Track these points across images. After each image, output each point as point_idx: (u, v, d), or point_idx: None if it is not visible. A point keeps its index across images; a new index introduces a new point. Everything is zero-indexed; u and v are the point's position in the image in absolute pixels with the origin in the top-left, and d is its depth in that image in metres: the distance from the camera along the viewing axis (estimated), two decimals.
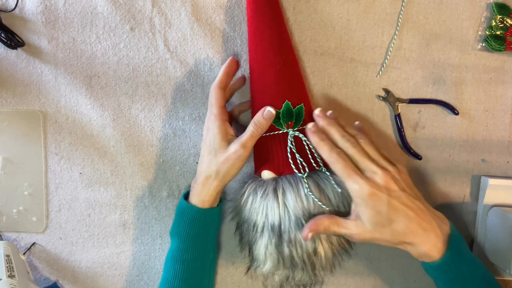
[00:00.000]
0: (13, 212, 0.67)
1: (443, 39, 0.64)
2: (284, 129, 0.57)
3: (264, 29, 0.58)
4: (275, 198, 0.54)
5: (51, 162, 0.66)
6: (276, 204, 0.54)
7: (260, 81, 0.58)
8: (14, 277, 0.56)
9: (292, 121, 0.57)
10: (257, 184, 0.57)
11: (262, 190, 0.56)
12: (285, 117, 0.56)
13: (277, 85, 0.57)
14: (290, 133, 0.56)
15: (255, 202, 0.56)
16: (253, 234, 0.57)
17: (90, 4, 0.63)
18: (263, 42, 0.58)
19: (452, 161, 0.66)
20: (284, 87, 0.57)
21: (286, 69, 0.58)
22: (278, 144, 0.57)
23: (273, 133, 0.57)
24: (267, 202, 0.55)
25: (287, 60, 0.59)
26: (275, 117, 0.56)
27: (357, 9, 0.63)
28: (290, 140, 0.56)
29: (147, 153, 0.66)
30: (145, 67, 0.64)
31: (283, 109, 0.56)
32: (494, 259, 0.62)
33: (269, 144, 0.57)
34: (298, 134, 0.56)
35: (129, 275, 0.68)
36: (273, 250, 0.55)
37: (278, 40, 0.58)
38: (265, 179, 0.57)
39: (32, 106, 0.65)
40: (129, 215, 0.67)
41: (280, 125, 0.57)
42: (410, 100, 0.64)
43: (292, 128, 0.57)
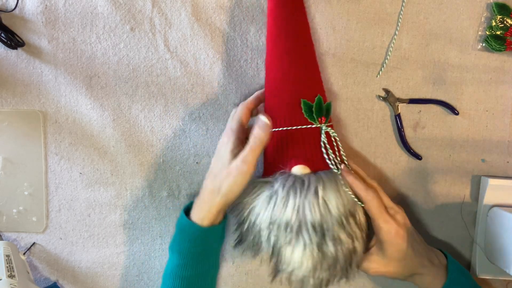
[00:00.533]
0: (13, 212, 0.67)
1: (443, 39, 0.64)
2: (317, 123, 0.55)
3: (296, 16, 0.56)
4: (315, 194, 0.52)
5: (51, 162, 0.66)
6: (316, 201, 0.52)
7: (290, 71, 0.56)
8: (14, 277, 0.56)
9: (324, 116, 0.56)
10: (291, 179, 0.53)
11: (300, 186, 0.52)
12: (318, 111, 0.55)
13: (311, 79, 0.57)
14: (323, 128, 0.55)
15: (288, 200, 0.52)
16: (285, 235, 0.52)
17: (90, 4, 0.63)
18: (296, 29, 0.56)
19: (452, 161, 0.66)
20: (315, 81, 0.57)
21: (315, 62, 0.58)
22: (312, 138, 0.55)
23: (306, 126, 0.55)
24: (306, 199, 0.51)
25: (313, 53, 0.58)
26: (307, 109, 0.54)
27: (357, 9, 0.63)
28: (324, 136, 0.55)
29: (147, 153, 0.66)
30: (145, 67, 0.64)
31: (316, 103, 0.55)
32: (494, 259, 0.62)
33: (300, 138, 0.55)
34: (329, 130, 0.56)
35: (129, 275, 0.68)
36: (313, 251, 0.52)
37: (307, 32, 0.58)
38: (299, 174, 0.53)
39: (32, 106, 0.65)
40: (129, 215, 0.67)
41: (313, 119, 0.55)
42: (410, 100, 0.64)
43: (324, 123, 0.56)
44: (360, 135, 0.65)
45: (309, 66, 0.58)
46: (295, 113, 0.55)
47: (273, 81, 0.57)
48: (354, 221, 0.54)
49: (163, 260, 0.68)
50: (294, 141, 0.55)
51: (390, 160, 0.66)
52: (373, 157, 0.66)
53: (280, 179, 0.53)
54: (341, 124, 0.65)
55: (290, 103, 0.56)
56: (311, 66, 0.58)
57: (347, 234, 0.53)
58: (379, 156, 0.66)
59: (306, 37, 0.59)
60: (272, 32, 0.58)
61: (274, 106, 0.57)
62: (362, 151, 0.65)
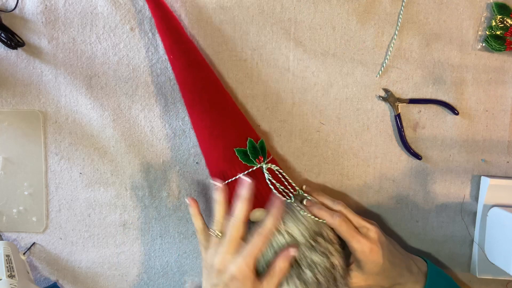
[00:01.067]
0: (13, 212, 0.67)
1: (443, 39, 0.64)
2: (256, 164, 0.57)
3: (203, 77, 0.59)
4: (278, 232, 0.55)
5: (51, 162, 0.66)
6: (281, 237, 0.55)
7: (214, 127, 0.58)
8: (14, 277, 0.56)
9: (260, 155, 0.58)
10: (251, 226, 0.55)
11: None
12: (253, 153, 0.57)
13: (235, 126, 0.59)
14: (264, 166, 0.57)
15: None
16: None
17: (90, 4, 0.63)
18: (207, 88, 0.59)
19: (452, 161, 0.66)
20: (240, 126, 0.59)
21: (233, 108, 0.60)
22: (256, 180, 0.56)
23: (247, 172, 0.57)
24: (273, 240, 0.54)
25: (229, 99, 0.61)
26: (243, 156, 0.56)
27: (357, 9, 0.63)
28: (267, 173, 0.57)
29: (147, 153, 0.66)
30: (145, 67, 0.64)
31: (249, 147, 0.57)
32: (494, 259, 0.62)
33: (258, 179, 0.57)
34: (271, 166, 0.58)
35: (129, 275, 0.68)
36: (295, 282, 0.54)
37: (217, 83, 0.60)
38: (259, 220, 0.56)
39: (32, 106, 0.65)
40: (129, 215, 0.67)
41: (252, 162, 0.57)
42: (410, 100, 0.64)
43: (263, 162, 0.58)
44: (360, 135, 0.65)
45: (231, 115, 0.60)
46: (233, 163, 0.57)
47: (203, 141, 0.60)
48: (323, 238, 0.56)
49: (163, 260, 0.68)
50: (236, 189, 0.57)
51: (390, 160, 0.66)
52: (373, 157, 0.66)
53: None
54: (341, 124, 0.65)
55: (226, 156, 0.57)
56: (232, 113, 0.60)
57: (320, 253, 0.55)
58: (379, 156, 0.66)
59: (217, 89, 0.60)
60: (186, 96, 0.60)
61: (213, 163, 0.59)
62: (362, 151, 0.66)
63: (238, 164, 0.57)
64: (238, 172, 0.57)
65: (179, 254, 0.68)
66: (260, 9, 0.63)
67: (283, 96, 0.65)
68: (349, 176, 0.66)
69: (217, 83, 0.61)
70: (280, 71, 0.64)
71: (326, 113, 0.65)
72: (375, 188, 0.66)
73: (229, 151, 0.57)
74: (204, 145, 0.60)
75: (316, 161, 0.66)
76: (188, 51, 0.60)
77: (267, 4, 0.63)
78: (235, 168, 0.57)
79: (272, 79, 0.64)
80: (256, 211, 0.57)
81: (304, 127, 0.65)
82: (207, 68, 0.61)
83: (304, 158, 0.66)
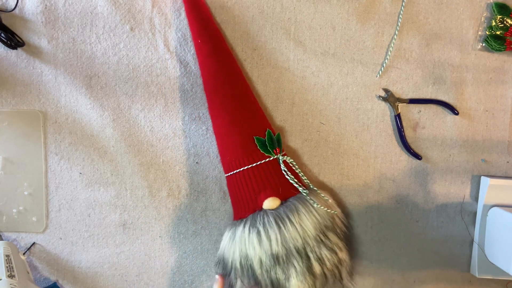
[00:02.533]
0: (13, 212, 0.67)
1: (443, 39, 0.64)
2: (274, 155, 0.59)
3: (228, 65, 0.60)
4: (292, 224, 0.55)
5: (51, 162, 0.66)
6: (294, 229, 0.55)
7: (236, 114, 0.59)
8: (14, 277, 0.56)
9: (277, 147, 0.59)
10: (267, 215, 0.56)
11: (276, 220, 0.55)
12: (271, 144, 0.59)
13: (256, 116, 0.60)
14: (281, 158, 0.59)
15: (270, 235, 0.55)
16: (277, 268, 0.55)
17: (90, 4, 0.63)
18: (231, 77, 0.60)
19: (452, 161, 0.66)
20: (260, 117, 0.61)
21: (254, 100, 0.61)
22: (272, 170, 0.58)
23: (265, 160, 0.58)
24: (285, 231, 0.55)
25: (251, 91, 0.62)
26: (261, 145, 0.58)
27: (357, 9, 0.63)
28: (283, 165, 0.59)
29: (147, 153, 0.66)
30: (145, 67, 0.64)
31: (267, 137, 0.58)
32: (494, 259, 0.62)
33: (261, 173, 0.58)
34: (286, 159, 0.59)
35: (129, 275, 0.68)
36: (305, 274, 0.55)
37: (240, 73, 0.62)
38: (270, 209, 0.57)
39: (32, 106, 0.65)
40: (129, 215, 0.67)
41: (269, 152, 0.58)
42: (410, 100, 0.64)
43: (280, 154, 0.59)
44: (360, 135, 0.65)
45: (251, 105, 0.61)
46: (250, 151, 0.58)
47: (222, 127, 0.60)
48: (334, 233, 0.57)
49: (163, 260, 0.68)
50: (257, 176, 0.58)
51: (390, 160, 0.66)
52: (373, 157, 0.66)
53: (256, 218, 0.57)
54: (341, 124, 0.65)
55: (244, 143, 0.59)
56: (253, 104, 0.61)
57: (329, 249, 0.56)
58: (379, 156, 0.66)
59: (240, 79, 0.61)
60: (209, 82, 0.61)
61: (228, 150, 0.60)
62: (362, 151, 0.66)
63: (256, 152, 0.58)
64: (255, 161, 0.58)
65: (179, 254, 0.68)
66: (260, 9, 0.63)
67: (283, 96, 0.65)
68: (349, 176, 0.66)
69: (240, 73, 0.62)
70: (280, 71, 0.64)
71: (326, 113, 0.65)
72: (375, 188, 0.66)
73: (248, 139, 0.58)
74: (222, 131, 0.60)
75: (316, 161, 0.66)
76: (215, 38, 0.61)
77: (267, 4, 0.63)
78: (252, 156, 0.58)
79: (272, 79, 0.64)
80: (271, 200, 0.57)
81: (304, 127, 0.65)
82: (232, 58, 0.62)
83: (304, 158, 0.66)
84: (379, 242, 0.68)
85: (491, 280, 0.67)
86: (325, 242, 0.56)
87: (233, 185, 0.60)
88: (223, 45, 0.61)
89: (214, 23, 0.62)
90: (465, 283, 0.68)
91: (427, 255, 0.67)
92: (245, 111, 0.59)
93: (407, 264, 0.67)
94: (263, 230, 0.55)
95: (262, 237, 0.55)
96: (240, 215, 0.60)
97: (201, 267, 0.68)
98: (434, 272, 0.68)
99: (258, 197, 0.58)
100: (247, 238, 0.56)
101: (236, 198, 0.61)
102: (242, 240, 0.57)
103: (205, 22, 0.60)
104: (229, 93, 0.59)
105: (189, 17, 0.61)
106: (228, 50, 0.62)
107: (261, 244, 0.55)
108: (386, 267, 0.68)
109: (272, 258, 0.55)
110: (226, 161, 0.60)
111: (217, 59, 0.60)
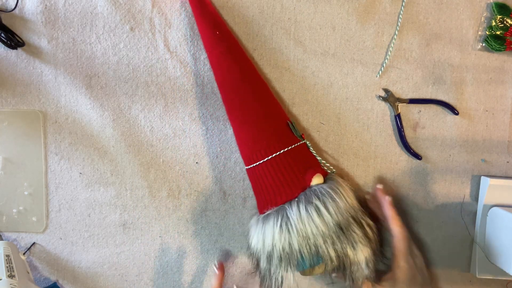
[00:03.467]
0: (13, 212, 0.67)
1: (443, 39, 0.64)
2: (303, 139, 0.61)
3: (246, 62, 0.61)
4: (342, 195, 0.58)
5: (51, 162, 0.66)
6: (344, 200, 0.57)
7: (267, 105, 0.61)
8: (14, 277, 0.56)
9: (301, 132, 0.62)
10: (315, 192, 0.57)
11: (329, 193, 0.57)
12: (296, 131, 0.61)
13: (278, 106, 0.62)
14: (308, 143, 0.62)
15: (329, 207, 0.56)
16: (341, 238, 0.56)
17: (90, 4, 0.63)
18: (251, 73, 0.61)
19: (452, 161, 0.66)
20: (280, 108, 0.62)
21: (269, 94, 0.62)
22: (305, 152, 0.61)
23: (295, 145, 0.60)
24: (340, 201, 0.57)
25: (261, 84, 0.62)
26: (294, 129, 0.60)
27: (357, 9, 0.63)
28: (311, 148, 0.62)
29: (147, 153, 0.66)
30: (145, 67, 0.64)
31: (291, 125, 0.61)
32: (494, 259, 0.62)
33: (298, 155, 0.60)
34: (307, 142, 0.62)
35: (129, 275, 0.68)
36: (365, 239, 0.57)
37: (256, 71, 0.62)
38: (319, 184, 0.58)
39: (32, 106, 0.65)
40: (129, 215, 0.67)
41: (299, 137, 0.61)
42: (410, 100, 0.64)
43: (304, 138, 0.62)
44: (360, 135, 0.65)
45: (273, 98, 0.62)
46: (284, 137, 0.60)
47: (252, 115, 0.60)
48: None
49: (163, 260, 0.68)
50: (297, 157, 0.60)
51: (390, 160, 0.66)
52: (373, 157, 0.66)
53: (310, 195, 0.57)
54: (341, 124, 0.65)
55: (276, 130, 0.60)
56: (273, 97, 0.63)
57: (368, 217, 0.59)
58: (379, 156, 0.66)
59: (257, 74, 0.62)
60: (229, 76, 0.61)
61: (258, 138, 0.60)
62: (362, 151, 0.66)
63: (288, 137, 0.60)
64: (291, 144, 0.59)
65: (179, 254, 0.68)
66: (260, 9, 0.63)
67: (283, 96, 0.65)
68: (349, 176, 0.66)
69: (254, 67, 0.63)
70: (280, 71, 0.64)
71: (326, 113, 0.65)
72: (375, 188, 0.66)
73: (279, 126, 0.60)
74: (251, 119, 0.60)
75: None
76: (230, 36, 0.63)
77: (267, 4, 0.63)
78: (287, 141, 0.60)
79: (272, 79, 0.64)
80: (317, 176, 0.58)
81: (304, 127, 0.65)
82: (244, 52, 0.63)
83: None
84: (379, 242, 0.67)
85: (492, 280, 0.67)
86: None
87: (266, 172, 0.59)
88: (235, 40, 0.63)
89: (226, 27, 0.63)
90: (465, 283, 0.68)
91: (427, 255, 0.67)
92: (272, 102, 0.62)
93: None
94: (321, 204, 0.56)
95: (321, 210, 0.56)
96: (280, 200, 0.58)
97: (201, 267, 0.68)
98: (434, 272, 0.68)
99: (305, 176, 0.58)
100: (305, 216, 0.56)
101: (270, 185, 0.59)
102: (299, 220, 0.56)
103: (213, 16, 0.62)
104: (258, 85, 0.61)
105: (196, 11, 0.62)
106: (239, 44, 0.63)
107: (323, 217, 0.56)
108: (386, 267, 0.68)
109: (335, 228, 0.56)
110: (256, 150, 0.59)
111: (240, 54, 0.62)
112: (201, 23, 0.61)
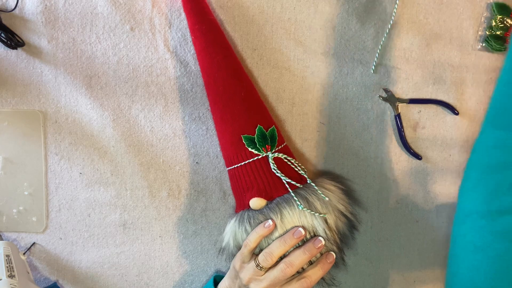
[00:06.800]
0: (13, 212, 0.67)
1: (443, 39, 0.64)
2: (263, 153, 0.57)
3: (219, 60, 0.59)
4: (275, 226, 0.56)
5: (51, 162, 0.66)
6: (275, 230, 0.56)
7: (225, 111, 0.58)
8: (14, 277, 0.56)
9: (268, 144, 0.58)
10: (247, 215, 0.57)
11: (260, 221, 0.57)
12: (261, 141, 0.57)
13: (247, 112, 0.58)
14: (270, 155, 0.57)
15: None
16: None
17: (90, 4, 0.63)
18: (221, 72, 0.58)
19: (452, 161, 0.66)
20: (252, 113, 0.58)
21: (248, 94, 0.59)
22: (260, 169, 0.57)
23: (252, 159, 0.57)
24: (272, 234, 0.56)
25: (246, 84, 0.60)
26: (249, 143, 0.57)
27: (357, 9, 0.63)
28: (272, 163, 0.57)
29: (147, 153, 0.66)
30: (145, 67, 0.64)
31: (257, 134, 0.57)
32: None
33: (250, 171, 0.57)
34: (278, 155, 0.57)
35: (129, 275, 0.68)
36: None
37: (235, 67, 0.60)
38: (255, 209, 0.57)
39: (32, 106, 0.65)
40: (129, 215, 0.67)
41: (258, 150, 0.57)
42: (410, 100, 0.64)
43: (270, 151, 0.57)
44: (360, 135, 0.65)
45: (244, 100, 0.59)
46: (241, 150, 0.57)
47: (216, 125, 0.61)
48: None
49: (163, 260, 0.68)
50: (245, 175, 0.58)
51: (390, 160, 0.66)
52: (373, 157, 0.66)
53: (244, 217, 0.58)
54: (341, 124, 0.65)
55: (233, 142, 0.58)
56: (247, 99, 0.59)
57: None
58: (379, 156, 0.66)
59: (234, 73, 0.59)
60: (204, 78, 0.61)
61: (223, 147, 0.61)
62: (362, 151, 0.66)
63: (244, 151, 0.57)
64: (244, 159, 0.57)
65: (179, 254, 0.68)
66: (260, 9, 0.63)
67: (283, 96, 0.65)
68: (349, 176, 0.66)
69: (236, 67, 0.60)
70: (280, 71, 0.64)
71: (326, 113, 0.65)
72: (375, 188, 0.66)
73: (236, 137, 0.57)
74: (217, 129, 0.61)
75: (316, 161, 0.66)
76: (209, 32, 0.59)
77: (267, 4, 0.63)
78: (241, 155, 0.57)
79: (272, 79, 0.64)
80: (256, 200, 0.57)
81: (304, 127, 0.65)
82: (227, 51, 0.60)
83: (304, 158, 0.66)
84: (379, 242, 0.68)
85: None
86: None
87: (230, 180, 0.62)
88: (217, 40, 0.59)
89: (210, 17, 0.60)
90: None
91: (427, 255, 0.67)
92: (236, 108, 0.58)
93: (407, 264, 0.67)
94: (250, 229, 0.57)
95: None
96: (236, 209, 0.62)
97: (201, 267, 0.68)
98: (434, 272, 0.68)
99: (245, 196, 0.58)
100: (237, 231, 0.58)
101: (233, 192, 0.62)
102: (233, 231, 0.59)
103: (200, 17, 0.59)
104: (220, 89, 0.58)
105: (185, 11, 0.60)
106: (224, 44, 0.60)
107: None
108: (386, 267, 0.68)
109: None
110: (224, 158, 0.62)
111: (209, 55, 0.59)
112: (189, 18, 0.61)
